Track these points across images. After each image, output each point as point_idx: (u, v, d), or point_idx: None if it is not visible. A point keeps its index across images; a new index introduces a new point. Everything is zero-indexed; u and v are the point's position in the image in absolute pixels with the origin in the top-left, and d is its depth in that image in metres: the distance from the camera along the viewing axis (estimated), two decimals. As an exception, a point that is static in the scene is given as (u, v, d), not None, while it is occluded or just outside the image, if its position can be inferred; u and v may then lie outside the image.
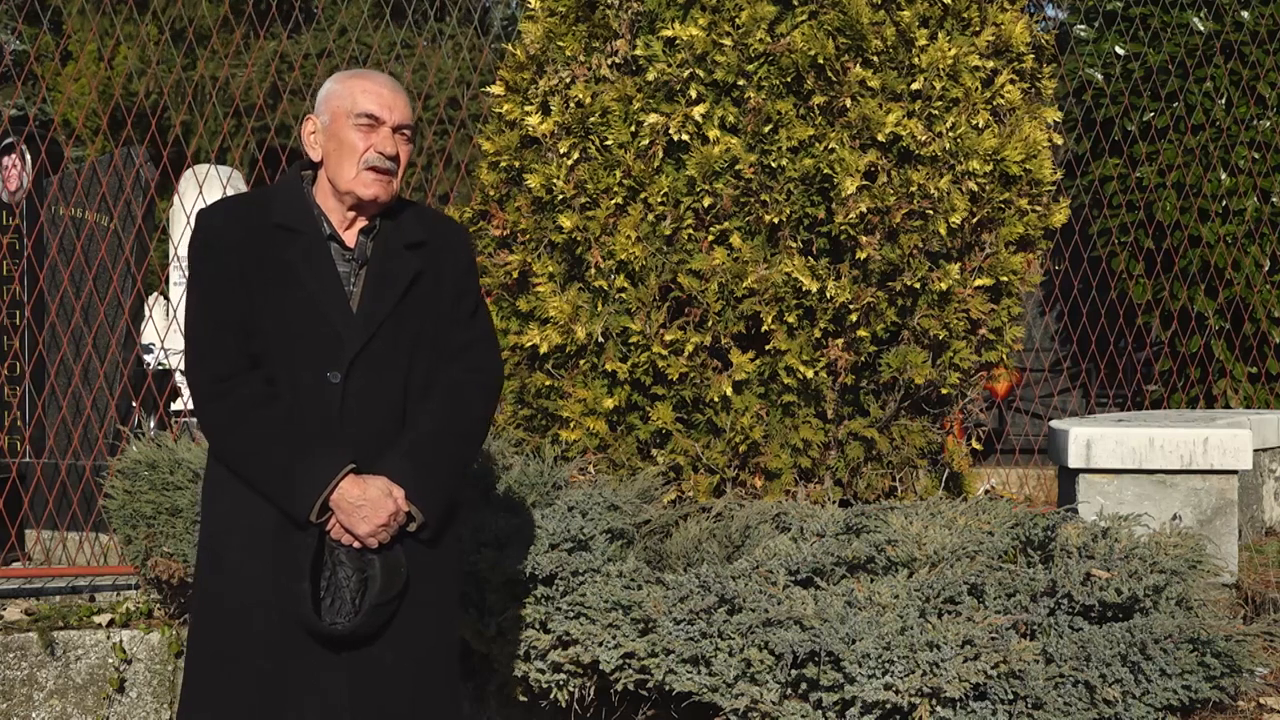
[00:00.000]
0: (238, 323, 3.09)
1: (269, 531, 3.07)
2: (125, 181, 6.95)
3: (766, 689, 4.01)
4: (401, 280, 3.17)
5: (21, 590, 5.62)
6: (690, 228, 4.90)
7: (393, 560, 3.09)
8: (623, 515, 4.54)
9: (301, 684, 3.07)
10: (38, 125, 7.77)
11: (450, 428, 3.18)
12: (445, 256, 3.25)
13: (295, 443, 3.06)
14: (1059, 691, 4.01)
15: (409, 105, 3.23)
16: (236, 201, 3.32)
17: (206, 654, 3.13)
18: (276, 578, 3.05)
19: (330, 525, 3.07)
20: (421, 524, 3.12)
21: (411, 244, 3.21)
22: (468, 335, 3.25)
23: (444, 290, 3.22)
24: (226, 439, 3.11)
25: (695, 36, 4.85)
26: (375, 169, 3.14)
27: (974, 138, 4.97)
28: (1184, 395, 8.87)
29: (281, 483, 3.05)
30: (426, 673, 3.18)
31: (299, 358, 3.09)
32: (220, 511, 3.15)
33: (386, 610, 3.08)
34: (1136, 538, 4.57)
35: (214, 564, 3.15)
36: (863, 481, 5.06)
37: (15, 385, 7.16)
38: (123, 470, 5.05)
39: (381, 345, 3.13)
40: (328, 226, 3.18)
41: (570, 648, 4.24)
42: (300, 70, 11.67)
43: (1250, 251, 8.84)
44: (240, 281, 3.10)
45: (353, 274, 3.17)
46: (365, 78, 3.22)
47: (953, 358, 5.05)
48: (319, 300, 3.12)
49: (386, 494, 3.07)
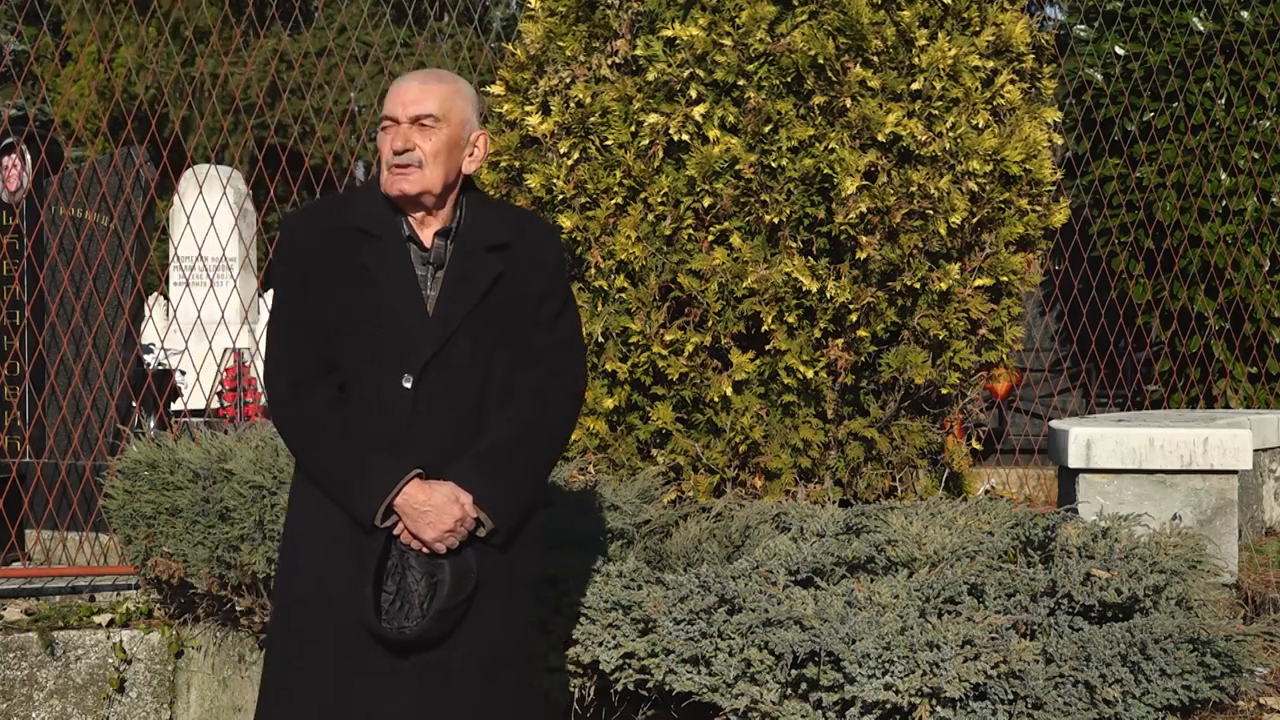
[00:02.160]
0: (315, 327, 3.10)
1: (345, 538, 3.08)
2: (125, 181, 6.95)
3: (766, 689, 4.01)
4: (480, 283, 3.14)
5: (21, 590, 5.62)
6: (690, 228, 4.90)
7: (462, 565, 3.08)
8: (623, 515, 4.54)
9: (370, 687, 3.07)
10: (38, 125, 7.77)
11: (526, 433, 3.15)
12: (531, 258, 3.20)
13: (363, 447, 3.06)
14: (1059, 691, 4.01)
15: (436, 94, 3.16)
16: (319, 205, 3.34)
17: (282, 652, 3.15)
18: (347, 582, 3.05)
19: (398, 530, 3.06)
20: (492, 530, 3.10)
21: (494, 245, 3.17)
22: (550, 339, 3.21)
23: (528, 293, 3.18)
24: (299, 443, 3.14)
25: (695, 36, 4.85)
26: (394, 167, 3.13)
27: (974, 138, 4.97)
28: (1184, 395, 8.86)
29: (348, 487, 3.06)
30: (495, 678, 3.15)
31: (373, 361, 3.09)
32: (301, 513, 3.17)
33: (454, 615, 3.06)
34: (1136, 538, 4.57)
35: (293, 564, 3.17)
36: (863, 481, 5.06)
37: (15, 385, 7.16)
38: (123, 470, 5.05)
39: (457, 349, 3.10)
40: (406, 228, 3.16)
41: (570, 648, 4.24)
42: (300, 69, 11.67)
43: (1250, 251, 8.84)
44: (318, 285, 3.10)
45: (429, 276, 3.14)
46: (399, 80, 3.21)
47: (953, 358, 5.05)
48: (394, 303, 3.10)
49: (453, 499, 3.05)
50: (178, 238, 9.83)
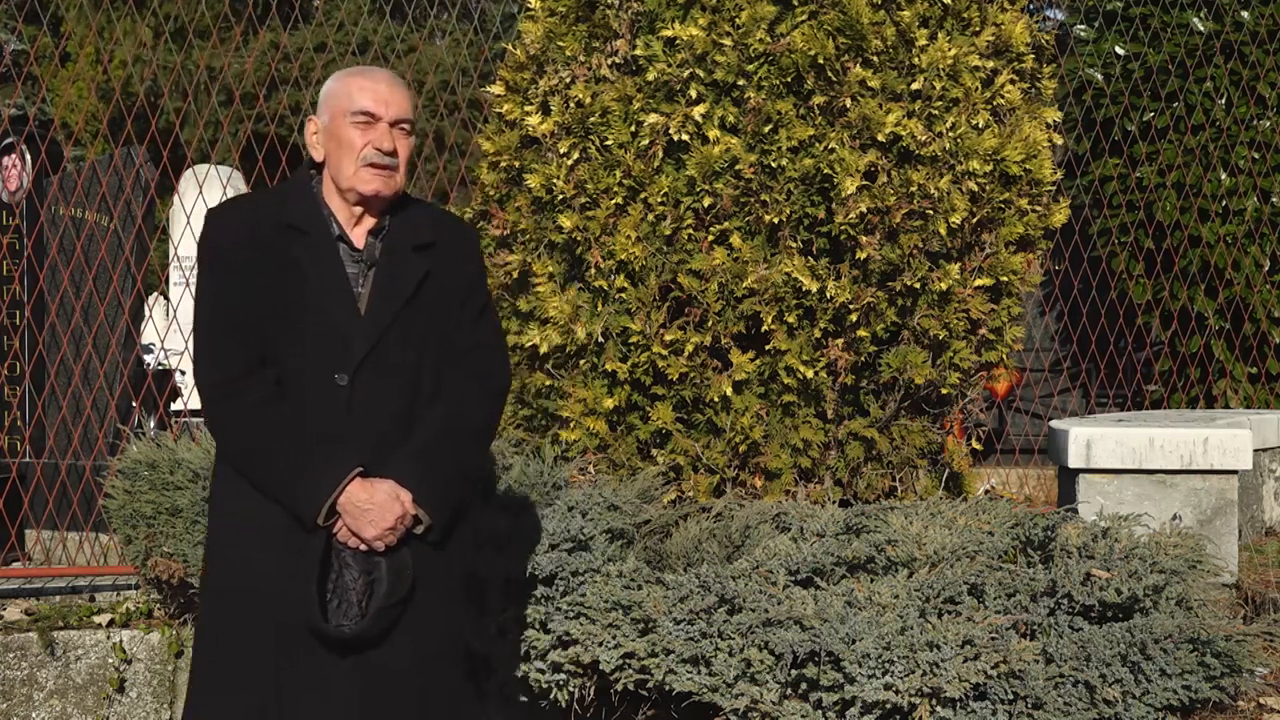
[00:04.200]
0: (246, 323, 3.08)
1: (278, 532, 3.07)
2: (125, 181, 6.95)
3: (766, 689, 4.01)
4: (409, 282, 3.16)
5: (21, 590, 5.62)
6: (690, 228, 4.90)
7: (399, 563, 3.09)
8: (623, 515, 4.54)
9: (308, 685, 3.07)
10: (37, 125, 7.77)
11: (456, 431, 3.17)
12: (454, 258, 3.24)
13: (302, 446, 3.05)
14: (1059, 691, 4.01)
15: (408, 100, 3.21)
16: (246, 200, 3.31)
17: (213, 655, 3.14)
18: (284, 580, 3.05)
19: (337, 528, 3.06)
20: (428, 526, 3.11)
21: (420, 245, 3.20)
22: (474, 338, 3.24)
23: (452, 292, 3.21)
24: (234, 441, 3.11)
25: (695, 36, 4.85)
26: (374, 165, 3.14)
27: (974, 138, 4.97)
28: (1184, 395, 8.86)
29: (289, 486, 3.05)
30: (435, 674, 3.17)
31: (307, 359, 3.09)
32: (228, 512, 3.15)
33: (393, 613, 3.08)
34: (1136, 538, 4.57)
35: (222, 565, 3.14)
36: (863, 481, 5.06)
37: (15, 385, 7.16)
38: (123, 470, 5.05)
39: (389, 347, 3.12)
40: (336, 227, 3.18)
41: (570, 648, 4.24)
42: (298, 64, 11.67)
43: (1250, 251, 8.84)
44: (249, 281, 3.09)
45: (361, 275, 3.16)
46: (362, 75, 3.21)
47: (953, 358, 5.05)
48: (327, 302, 3.11)
49: (394, 497, 3.06)
50: (178, 238, 9.82)
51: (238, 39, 7.95)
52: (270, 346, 3.08)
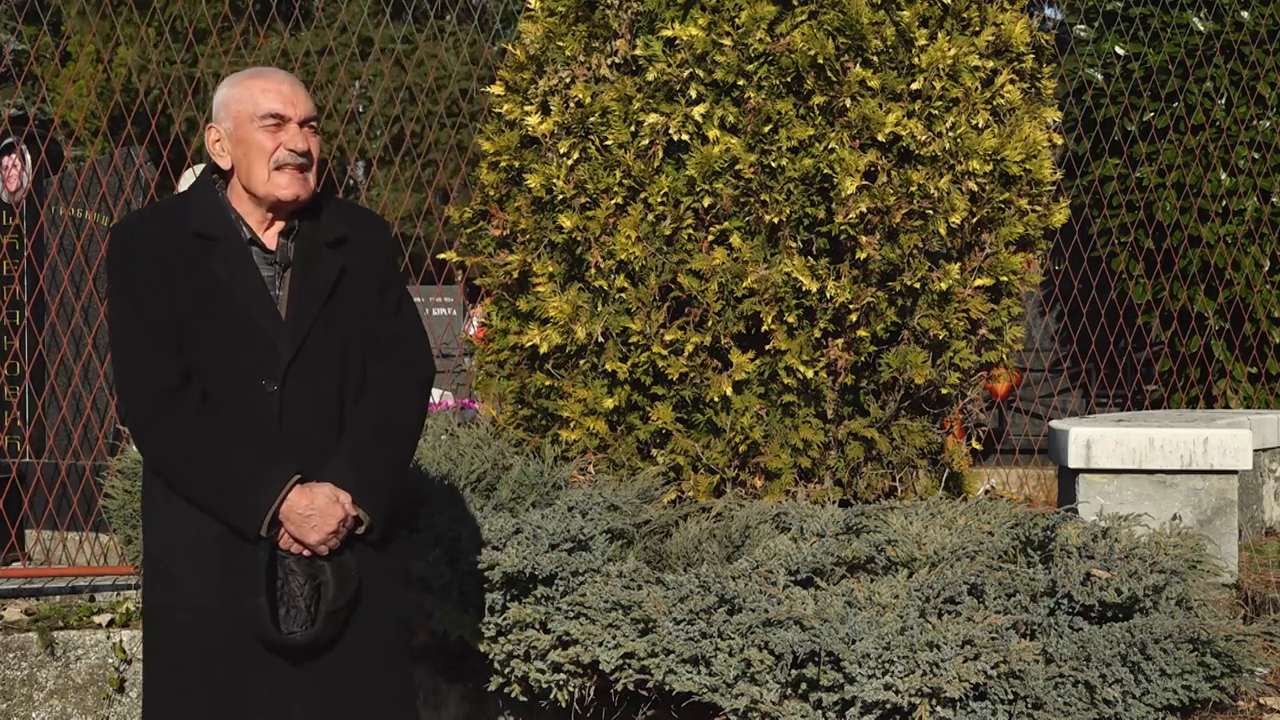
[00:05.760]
0: (167, 337, 3.03)
1: (213, 543, 3.04)
2: (125, 181, 6.95)
3: (766, 689, 4.01)
4: (326, 280, 3.13)
5: (21, 590, 5.62)
6: (690, 228, 4.90)
7: (344, 565, 3.08)
8: (623, 515, 4.54)
9: (260, 695, 3.05)
10: (38, 125, 7.77)
11: (388, 427, 3.16)
12: (367, 251, 3.20)
13: (237, 457, 3.02)
14: (1059, 691, 4.01)
15: (310, 98, 3.17)
16: (153, 210, 3.27)
17: (162, 670, 3.11)
18: (227, 592, 3.02)
19: (280, 537, 3.04)
20: (369, 526, 3.11)
21: (332, 241, 3.16)
22: (395, 329, 3.22)
23: (369, 285, 3.18)
24: (167, 457, 3.06)
25: (695, 36, 4.85)
26: (289, 166, 3.10)
27: (974, 138, 4.97)
28: (1184, 395, 8.87)
29: (227, 499, 3.02)
30: (385, 674, 3.17)
31: (233, 368, 3.05)
32: (162, 527, 3.11)
33: (341, 615, 3.07)
34: (1136, 538, 4.57)
35: (160, 580, 3.11)
36: (863, 481, 5.06)
37: (15, 385, 7.16)
38: (123, 470, 5.05)
39: (314, 349, 3.09)
40: (247, 231, 3.13)
41: (570, 648, 4.24)
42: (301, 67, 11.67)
43: (1250, 251, 8.84)
44: (165, 294, 3.04)
45: (277, 277, 3.12)
46: (261, 77, 3.16)
47: (953, 358, 5.05)
48: (247, 308, 3.07)
49: (334, 500, 3.05)
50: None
51: (238, 39, 7.95)
52: (193, 358, 3.05)
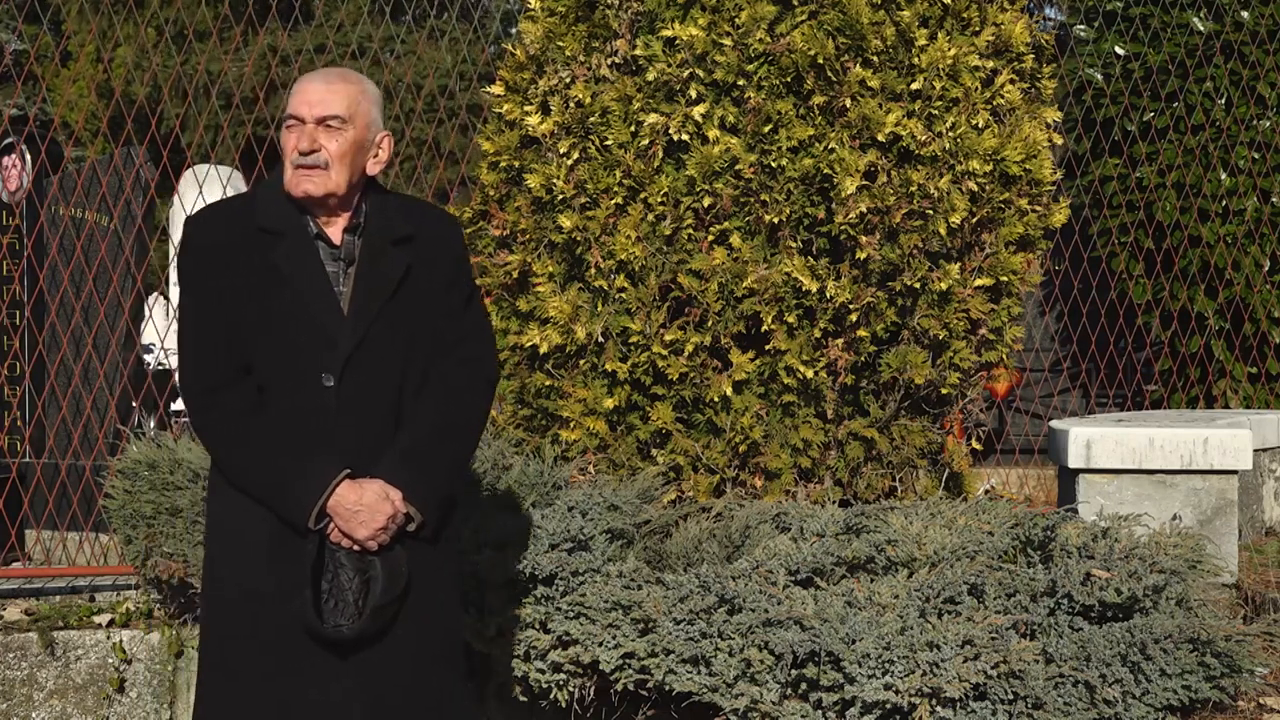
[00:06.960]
0: (228, 330, 3.08)
1: (267, 535, 3.08)
2: (125, 181, 6.95)
3: (766, 689, 4.01)
4: (391, 278, 3.15)
5: (21, 590, 5.62)
6: (690, 228, 4.90)
7: (394, 561, 3.10)
8: (623, 515, 4.54)
9: (308, 686, 3.07)
10: (38, 125, 7.77)
11: (445, 424, 3.17)
12: (436, 249, 3.22)
13: (289, 451, 3.06)
14: (1059, 691, 4.01)
15: (343, 95, 3.15)
16: (221, 206, 3.30)
17: (216, 657, 3.15)
18: (278, 583, 3.06)
19: (330, 530, 3.07)
20: (420, 523, 3.12)
21: (400, 239, 3.18)
22: (461, 328, 3.23)
23: (435, 284, 3.20)
24: (221, 449, 3.12)
25: (695, 36, 4.85)
26: (300, 166, 3.12)
27: (974, 138, 4.97)
28: (1184, 395, 8.86)
29: (278, 492, 3.06)
30: (434, 671, 3.18)
31: (292, 362, 3.09)
32: (220, 516, 3.17)
33: (389, 611, 3.09)
34: (1136, 538, 4.57)
35: (218, 568, 3.16)
36: (863, 481, 5.06)
37: (15, 385, 7.16)
38: (123, 470, 5.05)
39: (374, 345, 3.12)
40: (314, 226, 3.16)
41: (570, 648, 4.24)
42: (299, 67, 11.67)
43: (1250, 251, 8.84)
44: (229, 288, 3.09)
45: (341, 273, 3.15)
46: (304, 80, 3.19)
47: (953, 358, 5.06)
48: (308, 302, 3.10)
49: (383, 497, 3.07)
50: (178, 238, 9.82)
51: (237, 39, 7.95)
52: (254, 352, 3.08)
